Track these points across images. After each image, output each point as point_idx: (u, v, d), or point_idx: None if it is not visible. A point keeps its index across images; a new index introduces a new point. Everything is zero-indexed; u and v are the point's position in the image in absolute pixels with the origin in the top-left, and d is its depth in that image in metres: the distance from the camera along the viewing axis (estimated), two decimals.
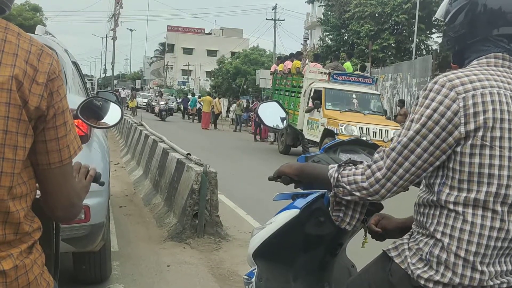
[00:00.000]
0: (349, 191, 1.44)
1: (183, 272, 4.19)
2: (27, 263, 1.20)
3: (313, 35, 43.86)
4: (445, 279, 1.31)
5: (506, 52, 1.41)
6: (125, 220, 5.82)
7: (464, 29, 1.43)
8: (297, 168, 1.71)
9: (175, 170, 5.98)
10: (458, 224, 1.31)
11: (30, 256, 1.22)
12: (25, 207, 1.20)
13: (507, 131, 1.29)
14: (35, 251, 1.24)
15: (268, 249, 1.94)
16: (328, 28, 27.54)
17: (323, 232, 1.89)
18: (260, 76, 24.92)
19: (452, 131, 1.30)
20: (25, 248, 1.20)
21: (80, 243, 3.10)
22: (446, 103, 1.30)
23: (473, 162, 1.29)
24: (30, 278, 1.21)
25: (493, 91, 1.30)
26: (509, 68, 1.40)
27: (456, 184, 1.32)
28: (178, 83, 60.70)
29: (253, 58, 39.70)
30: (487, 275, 1.30)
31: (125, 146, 12.29)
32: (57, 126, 1.20)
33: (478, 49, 1.42)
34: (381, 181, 1.38)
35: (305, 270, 1.92)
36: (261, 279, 1.95)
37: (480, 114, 1.28)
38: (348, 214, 1.60)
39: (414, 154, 1.33)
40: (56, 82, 1.19)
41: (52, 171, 1.22)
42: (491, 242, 1.29)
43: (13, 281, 1.16)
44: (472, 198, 1.30)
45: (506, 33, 1.39)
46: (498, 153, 1.28)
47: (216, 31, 73.65)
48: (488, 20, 1.39)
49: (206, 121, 24.20)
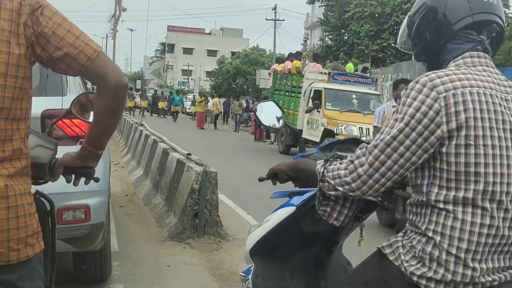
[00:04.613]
0: (333, 185, 1.46)
1: (183, 272, 4.20)
2: (16, 189, 1.34)
3: (313, 35, 43.85)
4: (437, 275, 1.33)
5: (479, 45, 1.45)
6: (125, 220, 5.82)
7: (432, 33, 1.48)
8: (292, 165, 1.73)
9: (175, 170, 5.99)
10: (448, 222, 1.33)
11: (20, 186, 1.36)
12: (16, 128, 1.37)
13: (488, 129, 1.32)
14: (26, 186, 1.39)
15: (265, 246, 1.95)
16: (328, 28, 27.52)
17: (319, 230, 1.90)
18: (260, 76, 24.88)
19: (434, 130, 1.32)
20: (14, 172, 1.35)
21: (80, 243, 3.10)
22: (428, 102, 1.33)
23: (459, 162, 1.32)
24: (19, 201, 1.34)
25: (473, 90, 1.33)
26: (486, 66, 1.43)
27: (445, 183, 1.34)
28: (178, 83, 60.68)
29: (253, 58, 39.70)
30: (478, 272, 1.32)
31: (126, 146, 12.30)
32: (64, 37, 1.38)
33: (451, 48, 1.47)
34: (362, 177, 1.39)
35: (301, 267, 1.92)
36: (258, 276, 1.96)
37: (461, 113, 1.31)
38: (336, 209, 1.59)
39: (397, 152, 1.35)
40: (39, 9, 1.37)
41: (90, 68, 1.40)
42: (482, 239, 1.31)
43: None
44: (461, 197, 1.32)
45: (468, 23, 1.43)
46: (483, 152, 1.31)
47: (216, 31, 73.62)
48: (449, 17, 1.44)
49: (201, 121, 24.45)
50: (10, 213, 1.32)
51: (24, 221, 1.35)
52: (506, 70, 12.63)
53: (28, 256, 1.37)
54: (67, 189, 1.75)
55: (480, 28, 1.46)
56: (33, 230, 1.39)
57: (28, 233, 1.36)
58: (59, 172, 1.59)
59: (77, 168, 1.60)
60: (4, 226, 1.31)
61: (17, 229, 1.33)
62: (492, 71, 1.43)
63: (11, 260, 1.33)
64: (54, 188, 1.76)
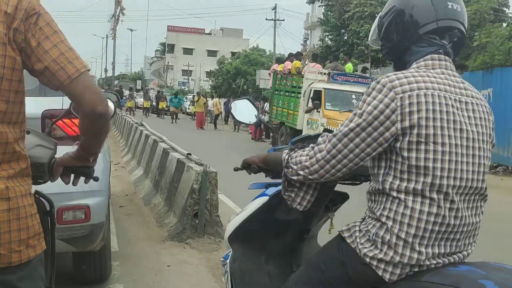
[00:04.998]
0: (295, 170, 1.60)
1: (183, 272, 4.20)
2: (17, 190, 1.34)
3: (313, 35, 43.84)
4: (387, 257, 1.45)
5: (441, 49, 1.57)
6: (125, 220, 5.83)
7: (399, 36, 1.60)
8: (262, 157, 1.88)
9: (175, 170, 5.99)
10: (400, 209, 1.46)
11: (21, 187, 1.37)
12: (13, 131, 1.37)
13: (439, 128, 1.44)
14: (27, 186, 1.39)
15: (242, 233, 2.10)
16: (328, 28, 27.52)
17: (291, 218, 2.03)
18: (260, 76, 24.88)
19: (389, 127, 1.45)
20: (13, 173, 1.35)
21: (80, 243, 3.10)
22: (386, 101, 1.45)
23: (411, 157, 1.45)
24: (20, 203, 1.34)
25: (428, 92, 1.45)
26: (445, 68, 1.55)
27: (398, 174, 1.47)
28: (178, 84, 60.67)
29: (253, 59, 39.68)
30: (424, 255, 1.44)
31: (126, 146, 12.30)
32: (48, 50, 1.34)
33: (415, 51, 1.58)
34: (320, 161, 1.54)
35: (276, 253, 2.03)
36: (235, 261, 2.10)
37: (415, 113, 1.43)
38: (299, 195, 1.71)
39: (353, 143, 1.49)
40: (34, 16, 1.35)
41: (69, 87, 1.35)
42: (429, 226, 1.44)
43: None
44: (412, 187, 1.45)
45: (432, 28, 1.55)
46: (432, 149, 1.44)
47: (216, 31, 73.60)
48: (415, 21, 1.56)
49: (200, 121, 24.43)
50: (12, 215, 1.32)
51: (25, 222, 1.35)
52: (506, 70, 12.64)
53: (30, 257, 1.37)
54: (67, 189, 1.75)
55: (443, 33, 1.57)
56: (35, 231, 1.39)
57: (29, 234, 1.36)
58: (58, 171, 1.59)
59: (76, 168, 1.60)
60: (5, 228, 1.31)
61: (19, 231, 1.33)
62: (450, 73, 1.55)
63: (12, 261, 1.33)
64: (54, 188, 1.76)
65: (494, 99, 12.91)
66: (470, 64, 14.49)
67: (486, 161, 1.55)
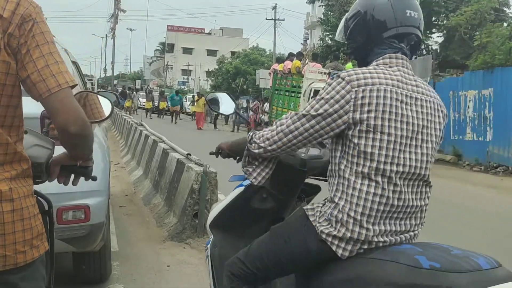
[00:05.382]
0: (258, 144, 1.80)
1: (183, 272, 4.19)
2: (20, 191, 1.34)
3: (313, 35, 43.84)
4: (340, 233, 1.64)
5: (400, 51, 1.75)
6: (125, 220, 5.82)
7: (363, 38, 1.78)
8: (229, 143, 2.08)
9: (175, 170, 5.98)
10: (350, 190, 1.65)
11: (24, 188, 1.36)
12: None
13: (386, 120, 1.63)
14: (29, 187, 1.40)
15: (222, 220, 2.31)
16: (328, 28, 27.48)
17: (266, 207, 2.20)
18: (260, 76, 24.87)
19: (342, 115, 1.64)
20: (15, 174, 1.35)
21: (80, 243, 3.10)
22: (342, 93, 1.64)
23: (360, 143, 1.64)
24: (23, 204, 1.34)
25: (381, 88, 1.63)
26: (402, 66, 1.73)
27: (350, 158, 1.66)
28: (178, 83, 60.67)
29: (253, 58, 39.69)
30: (372, 232, 1.63)
31: (125, 146, 12.30)
32: (35, 60, 1.31)
33: (377, 52, 1.76)
34: (279, 134, 1.74)
35: (254, 240, 2.12)
36: (216, 246, 2.30)
37: (366, 105, 1.62)
38: (256, 170, 1.90)
39: (309, 123, 1.68)
40: (30, 23, 1.33)
41: (47, 100, 1.32)
42: (374, 206, 1.62)
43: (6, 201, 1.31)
44: (360, 171, 1.64)
45: (393, 34, 1.73)
46: (379, 137, 1.63)
47: (216, 31, 73.62)
48: (378, 26, 1.74)
49: (200, 121, 24.41)
50: (15, 216, 1.32)
51: (29, 223, 1.35)
52: (507, 69, 12.63)
53: (34, 258, 1.37)
54: (67, 189, 1.75)
55: (402, 38, 1.75)
56: (38, 231, 1.39)
57: (33, 235, 1.37)
58: (55, 171, 1.58)
59: (74, 167, 1.60)
60: (10, 229, 1.31)
61: (23, 232, 1.34)
62: (405, 71, 1.73)
63: (18, 262, 1.34)
64: (53, 188, 1.76)
65: (494, 99, 12.91)
66: (471, 63, 14.49)
67: (431, 151, 1.72)
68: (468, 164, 13.51)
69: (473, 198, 8.85)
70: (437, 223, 6.19)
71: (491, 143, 12.96)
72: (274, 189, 2.17)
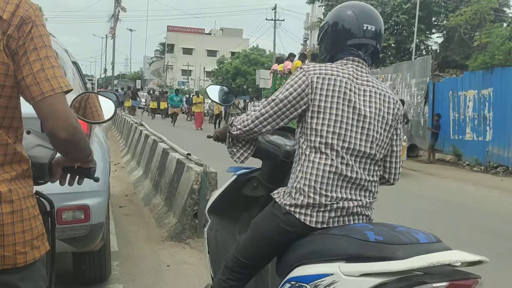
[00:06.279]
0: (236, 126, 2.10)
1: (183, 272, 4.19)
2: (20, 193, 1.34)
3: (313, 35, 43.82)
4: (298, 201, 1.91)
5: (358, 57, 2.06)
6: (125, 220, 5.82)
7: (329, 45, 2.13)
8: (220, 129, 2.34)
9: (175, 170, 5.98)
10: (306, 163, 1.94)
11: (23, 189, 1.37)
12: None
13: (335, 103, 1.95)
14: (28, 187, 1.39)
15: (218, 206, 2.61)
16: None
17: (257, 195, 2.53)
18: (260, 76, 24.87)
19: (303, 97, 1.97)
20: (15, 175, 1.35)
21: (80, 243, 3.09)
22: (302, 79, 1.99)
23: (312, 122, 1.96)
24: (23, 205, 1.35)
25: (332, 77, 1.97)
26: (357, 66, 2.04)
27: (305, 136, 1.98)
28: (178, 83, 60.64)
29: (253, 58, 39.72)
30: (328, 198, 1.89)
31: (125, 146, 12.29)
32: (31, 62, 1.31)
33: (339, 57, 2.09)
34: (252, 117, 2.05)
35: (247, 225, 2.27)
36: (212, 229, 2.60)
37: (318, 89, 1.96)
38: (239, 151, 2.20)
39: (277, 106, 2.01)
40: (29, 25, 1.33)
41: (38, 104, 1.32)
42: (326, 174, 1.91)
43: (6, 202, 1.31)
44: (312, 146, 1.95)
45: (353, 43, 2.05)
46: (327, 117, 1.94)
47: (216, 31, 73.61)
48: (342, 37, 2.07)
49: (199, 121, 24.40)
50: (15, 217, 1.32)
51: (29, 224, 1.35)
52: (507, 70, 12.63)
53: (35, 258, 1.37)
54: (67, 189, 1.75)
55: (360, 47, 2.07)
56: (38, 232, 1.39)
57: (33, 236, 1.37)
58: (57, 172, 1.58)
59: (76, 168, 1.60)
60: (9, 230, 1.31)
61: (23, 232, 1.33)
62: (359, 69, 2.04)
63: (18, 263, 1.33)
64: (53, 188, 1.75)
65: (494, 99, 12.91)
66: (471, 64, 14.48)
67: (377, 134, 1.99)
68: (468, 164, 13.51)
69: (473, 198, 8.85)
70: (437, 223, 6.18)
71: (491, 143, 12.96)
72: (264, 179, 2.51)
